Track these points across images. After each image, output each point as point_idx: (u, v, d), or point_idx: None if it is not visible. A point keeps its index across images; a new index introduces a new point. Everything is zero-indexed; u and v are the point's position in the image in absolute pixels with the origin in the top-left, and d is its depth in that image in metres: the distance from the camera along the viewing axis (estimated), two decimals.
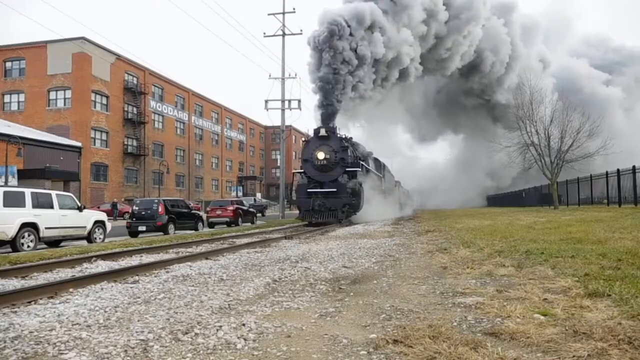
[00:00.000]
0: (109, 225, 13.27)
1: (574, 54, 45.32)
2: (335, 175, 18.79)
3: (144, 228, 15.15)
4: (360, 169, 19.68)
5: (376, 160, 26.74)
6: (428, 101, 38.77)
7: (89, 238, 12.14)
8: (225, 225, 19.94)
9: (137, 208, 15.88)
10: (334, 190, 18.44)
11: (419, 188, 49.56)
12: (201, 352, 2.47)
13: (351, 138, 21.43)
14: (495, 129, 34.71)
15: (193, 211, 18.60)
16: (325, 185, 18.73)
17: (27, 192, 10.80)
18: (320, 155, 18.61)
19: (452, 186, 45.19)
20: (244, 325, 2.94)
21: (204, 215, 20.70)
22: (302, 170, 19.86)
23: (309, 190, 18.80)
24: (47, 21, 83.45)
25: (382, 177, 27.25)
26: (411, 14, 26.01)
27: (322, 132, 19.06)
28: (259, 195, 51.38)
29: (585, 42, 47.98)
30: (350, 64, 21.44)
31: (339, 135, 19.63)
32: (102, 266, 6.41)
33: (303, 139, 20.28)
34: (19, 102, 36.46)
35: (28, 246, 10.35)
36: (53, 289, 4.31)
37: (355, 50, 21.74)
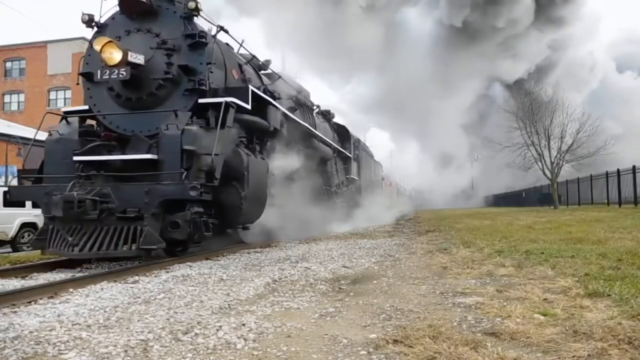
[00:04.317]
0: None
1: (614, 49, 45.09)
2: (158, 120, 6.57)
3: None
4: (246, 105, 7.27)
5: (338, 126, 15.83)
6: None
7: None
8: None
9: None
10: (151, 157, 6.35)
11: (418, 187, 49.38)
12: (201, 352, 2.47)
13: (268, 66, 10.20)
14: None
15: None
16: (130, 146, 6.74)
17: None
18: (113, 54, 6.34)
19: (468, 188, 44.94)
20: (244, 325, 2.94)
21: None
22: (77, 110, 7.56)
23: (76, 156, 6.56)
24: (47, 21, 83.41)
25: (352, 158, 16.17)
26: None
27: None
28: None
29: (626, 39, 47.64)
30: None
31: (183, 11, 7.00)
32: (102, 266, 6.41)
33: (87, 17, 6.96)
34: (19, 102, 36.47)
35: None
36: (53, 289, 4.31)
37: None
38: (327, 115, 14.89)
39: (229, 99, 6.82)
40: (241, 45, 8.91)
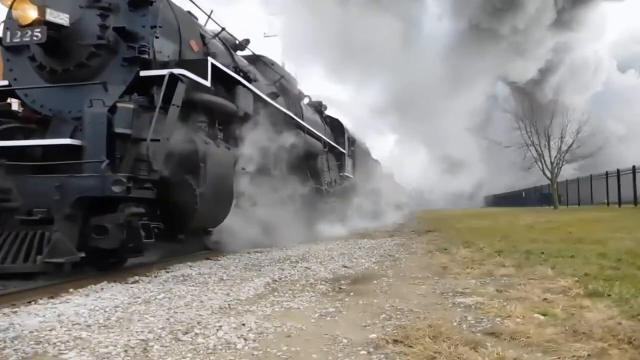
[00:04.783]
0: None
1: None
2: (88, 97, 5.06)
3: None
4: (204, 81, 5.79)
5: (331, 119, 14.42)
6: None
7: None
8: None
9: None
10: (72, 143, 5.04)
11: (419, 187, 49.37)
12: (201, 352, 2.47)
13: (246, 46, 8.89)
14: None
15: None
16: (51, 130, 5.46)
17: None
18: (27, 10, 4.98)
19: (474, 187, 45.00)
20: (244, 325, 2.94)
21: None
22: None
23: None
24: None
25: (346, 154, 14.67)
26: None
27: None
28: None
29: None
30: None
31: None
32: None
33: None
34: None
35: None
36: (53, 289, 4.30)
37: None
38: (318, 107, 13.38)
39: (177, 71, 5.41)
40: (209, 17, 7.33)
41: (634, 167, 17.98)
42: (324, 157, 12.35)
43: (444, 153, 40.55)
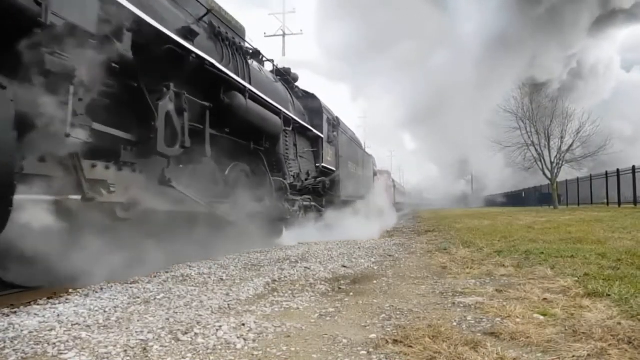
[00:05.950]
0: None
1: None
2: None
3: None
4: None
5: (305, 94, 11.36)
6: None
7: None
8: None
9: None
10: None
11: (418, 186, 49.35)
12: (201, 352, 2.47)
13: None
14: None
15: None
16: None
17: None
18: None
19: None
20: (243, 325, 2.94)
21: None
22: None
23: None
24: None
25: (324, 140, 11.45)
26: None
27: None
28: None
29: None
30: None
31: None
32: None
33: None
34: None
35: None
36: (52, 289, 4.30)
37: None
38: (284, 74, 10.42)
39: None
40: None
41: (633, 167, 18.00)
42: (290, 140, 9.53)
43: (459, 159, 40.69)
